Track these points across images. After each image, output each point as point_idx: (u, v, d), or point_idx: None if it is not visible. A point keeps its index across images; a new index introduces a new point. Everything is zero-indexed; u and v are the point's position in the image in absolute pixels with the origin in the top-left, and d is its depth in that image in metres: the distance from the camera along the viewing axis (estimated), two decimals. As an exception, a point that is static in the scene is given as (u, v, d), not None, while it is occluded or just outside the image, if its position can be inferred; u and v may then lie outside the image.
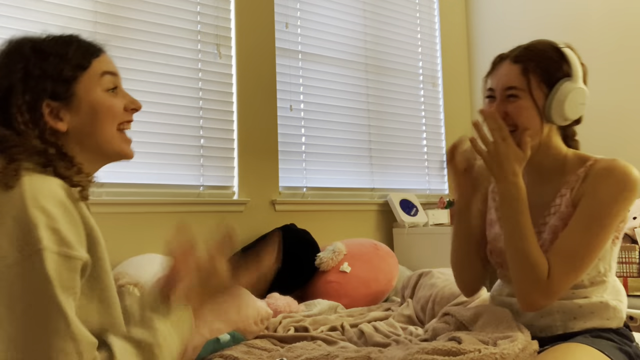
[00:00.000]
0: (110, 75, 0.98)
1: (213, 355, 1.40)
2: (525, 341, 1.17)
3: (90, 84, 0.94)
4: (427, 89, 3.58)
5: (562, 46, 1.26)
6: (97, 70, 0.96)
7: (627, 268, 2.26)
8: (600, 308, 1.24)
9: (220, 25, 2.73)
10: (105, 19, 2.38)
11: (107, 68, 0.98)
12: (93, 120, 0.94)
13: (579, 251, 1.17)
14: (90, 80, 0.94)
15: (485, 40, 3.72)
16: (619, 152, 2.90)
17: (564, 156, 1.29)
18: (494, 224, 1.39)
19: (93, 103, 0.94)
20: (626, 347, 1.21)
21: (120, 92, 1.00)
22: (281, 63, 2.92)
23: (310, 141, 3.01)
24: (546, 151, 1.28)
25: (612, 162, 1.20)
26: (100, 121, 0.95)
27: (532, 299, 1.19)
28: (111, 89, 0.97)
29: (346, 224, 3.04)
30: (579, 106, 1.24)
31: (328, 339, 1.56)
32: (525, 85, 1.22)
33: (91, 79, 0.95)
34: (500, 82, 1.26)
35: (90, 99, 0.94)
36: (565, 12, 3.21)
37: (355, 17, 3.28)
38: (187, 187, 2.57)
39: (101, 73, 0.96)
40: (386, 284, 2.37)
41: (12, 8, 2.16)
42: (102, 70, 0.97)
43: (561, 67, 1.23)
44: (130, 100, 1.01)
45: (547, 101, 1.22)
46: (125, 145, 1.01)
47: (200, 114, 2.63)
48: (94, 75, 0.95)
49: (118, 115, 0.97)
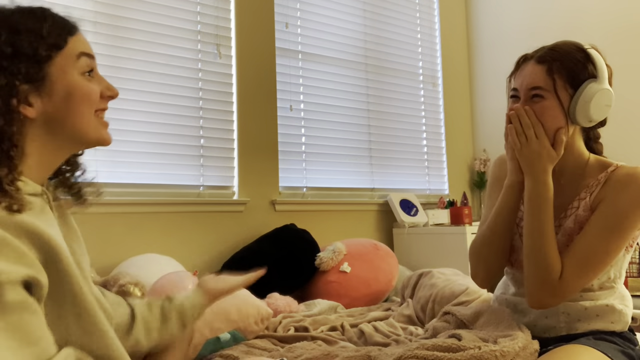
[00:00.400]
0: (86, 57, 0.88)
1: (213, 355, 1.40)
2: (525, 340, 1.17)
3: (66, 65, 0.85)
4: (427, 89, 3.58)
5: (587, 47, 1.25)
6: (74, 50, 0.86)
7: (627, 268, 2.25)
8: (606, 311, 1.24)
9: (220, 25, 2.73)
10: (105, 19, 2.38)
11: (83, 48, 0.88)
12: (68, 106, 0.85)
13: (593, 256, 1.17)
14: (66, 62, 0.85)
15: (485, 40, 3.72)
16: (619, 152, 2.90)
17: (586, 160, 1.28)
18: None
19: (68, 87, 0.84)
20: (629, 350, 1.21)
21: (96, 76, 0.91)
22: (281, 63, 2.93)
23: (310, 141, 3.01)
24: (568, 153, 1.26)
25: (634, 170, 1.20)
26: (76, 107, 0.85)
27: (541, 296, 1.19)
28: (87, 72, 0.88)
29: (346, 224, 3.04)
30: (604, 108, 1.22)
31: (328, 338, 1.56)
32: (550, 85, 1.21)
33: (67, 59, 0.85)
34: (524, 82, 1.25)
35: (66, 82, 0.84)
36: (565, 12, 3.21)
37: (355, 17, 3.28)
38: (187, 187, 2.57)
39: (78, 54, 0.86)
40: (386, 284, 2.37)
41: (12, 8, 2.16)
42: (79, 50, 0.87)
43: (586, 68, 1.22)
44: (106, 86, 0.91)
45: (572, 102, 1.21)
46: (103, 130, 0.92)
47: (200, 114, 2.63)
48: (70, 56, 0.85)
49: (94, 102, 0.88)
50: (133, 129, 2.42)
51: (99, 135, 0.91)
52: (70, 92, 0.85)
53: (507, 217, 1.31)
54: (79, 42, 0.88)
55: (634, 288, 2.22)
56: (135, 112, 2.43)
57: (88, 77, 0.88)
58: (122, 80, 2.40)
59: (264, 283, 2.32)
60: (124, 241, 2.31)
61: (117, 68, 2.40)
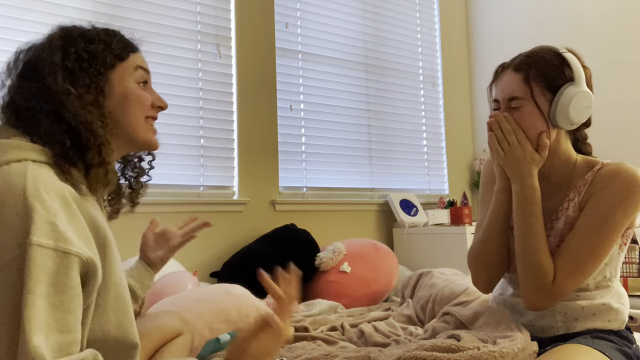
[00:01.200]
0: (142, 70, 1.03)
1: (213, 355, 1.40)
2: (524, 341, 1.17)
3: (124, 74, 0.99)
4: (427, 89, 3.58)
5: (563, 51, 1.27)
6: (133, 63, 1.02)
7: (627, 268, 2.26)
8: (603, 310, 1.25)
9: (220, 25, 2.73)
10: (105, 19, 2.38)
11: (141, 63, 1.04)
12: (123, 107, 0.98)
13: (584, 254, 1.18)
14: (125, 71, 1.00)
15: (485, 40, 3.72)
16: (619, 153, 2.90)
17: (574, 162, 1.29)
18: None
19: (125, 91, 0.98)
20: (626, 348, 1.22)
21: (149, 88, 1.05)
22: (281, 63, 2.93)
23: (310, 141, 3.01)
24: (555, 156, 1.28)
25: (618, 166, 1.21)
26: (130, 108, 0.98)
27: (536, 299, 1.20)
28: (141, 82, 1.02)
29: (346, 224, 3.05)
30: (584, 110, 1.24)
31: (328, 338, 1.56)
32: (527, 93, 1.23)
33: (126, 69, 1.00)
34: (503, 93, 1.28)
35: (123, 87, 0.98)
36: (565, 12, 3.21)
37: (355, 17, 3.28)
38: (187, 187, 2.57)
39: (135, 66, 1.01)
40: (386, 284, 2.37)
41: (12, 8, 2.17)
42: (137, 64, 1.02)
43: (563, 72, 1.23)
44: (157, 98, 1.05)
45: (551, 106, 1.23)
46: (152, 135, 1.03)
47: (200, 114, 2.63)
48: (129, 67, 1.01)
49: (146, 108, 1.02)
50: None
51: (148, 138, 1.02)
52: (125, 94, 0.98)
53: (501, 222, 1.33)
54: (139, 58, 1.04)
55: (633, 288, 2.22)
56: (135, 112, 2.43)
57: (142, 87, 1.02)
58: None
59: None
60: (124, 241, 2.31)
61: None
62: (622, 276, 2.25)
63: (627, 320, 1.30)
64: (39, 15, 2.22)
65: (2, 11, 2.15)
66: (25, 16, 2.19)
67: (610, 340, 1.22)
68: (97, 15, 2.36)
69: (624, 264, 2.26)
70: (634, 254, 2.25)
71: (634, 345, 1.26)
